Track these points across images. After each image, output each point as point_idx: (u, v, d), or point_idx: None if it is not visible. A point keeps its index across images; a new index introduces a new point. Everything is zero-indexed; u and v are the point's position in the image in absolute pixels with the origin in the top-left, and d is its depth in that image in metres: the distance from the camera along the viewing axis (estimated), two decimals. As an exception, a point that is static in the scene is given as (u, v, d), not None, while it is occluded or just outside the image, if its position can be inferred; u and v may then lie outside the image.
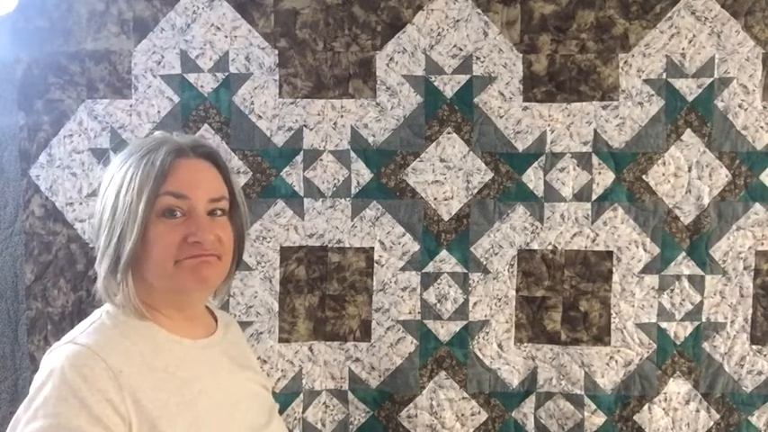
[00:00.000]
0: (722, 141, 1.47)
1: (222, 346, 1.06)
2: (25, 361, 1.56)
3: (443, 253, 1.53)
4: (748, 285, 1.49)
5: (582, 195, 1.50)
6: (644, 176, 1.49)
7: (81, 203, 1.54)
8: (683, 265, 1.49)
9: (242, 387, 1.06)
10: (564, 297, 1.51)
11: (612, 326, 1.50)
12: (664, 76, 1.47)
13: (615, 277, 1.50)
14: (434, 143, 1.51)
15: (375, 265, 1.53)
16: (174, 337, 0.96)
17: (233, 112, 1.52)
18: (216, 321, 1.09)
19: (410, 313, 1.53)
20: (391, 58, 1.50)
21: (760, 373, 1.49)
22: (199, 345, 1.00)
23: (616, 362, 1.51)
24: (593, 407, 1.51)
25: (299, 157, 1.52)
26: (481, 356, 1.53)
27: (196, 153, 0.97)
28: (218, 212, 0.97)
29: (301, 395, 1.55)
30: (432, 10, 1.49)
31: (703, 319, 1.50)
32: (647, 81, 1.48)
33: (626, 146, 1.49)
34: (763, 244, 1.48)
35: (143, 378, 0.88)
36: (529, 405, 1.53)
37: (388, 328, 1.54)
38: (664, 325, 1.50)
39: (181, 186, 0.93)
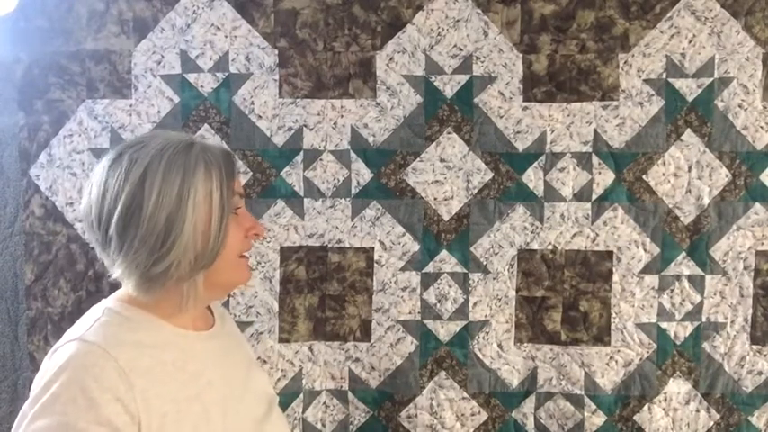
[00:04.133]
0: (722, 141, 1.47)
1: (224, 337, 1.07)
2: (25, 361, 1.57)
3: (443, 253, 1.53)
4: (748, 285, 1.49)
5: (582, 195, 1.50)
6: (644, 176, 1.49)
7: (81, 203, 1.53)
8: (683, 265, 1.49)
9: (244, 378, 1.07)
10: (564, 297, 1.51)
11: (612, 326, 1.51)
12: (664, 76, 1.47)
13: (615, 277, 1.50)
14: (434, 143, 1.51)
15: (375, 265, 1.53)
16: (179, 330, 0.97)
17: (233, 112, 1.52)
18: (212, 314, 1.10)
19: (410, 313, 1.53)
20: (391, 58, 1.50)
21: (760, 373, 1.49)
22: (202, 337, 1.01)
23: (616, 362, 1.51)
24: (593, 407, 1.51)
25: (299, 157, 1.52)
26: (481, 356, 1.53)
27: (226, 156, 1.00)
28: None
29: (301, 395, 1.55)
30: (432, 10, 1.49)
31: (703, 319, 1.50)
32: (647, 81, 1.48)
33: (626, 146, 1.49)
34: (763, 244, 1.48)
35: (152, 373, 0.88)
36: (529, 405, 1.53)
37: (388, 328, 1.54)
38: (664, 325, 1.50)
39: (239, 185, 0.99)
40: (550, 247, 1.51)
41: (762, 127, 1.46)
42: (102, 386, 0.82)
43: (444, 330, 1.53)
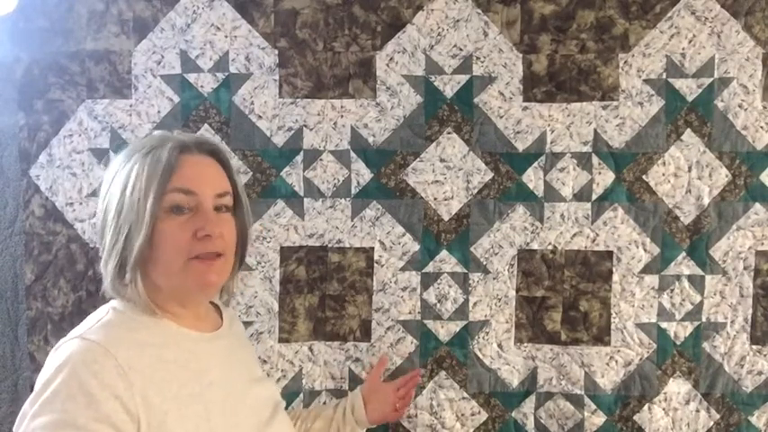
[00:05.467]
0: (722, 141, 1.47)
1: (229, 339, 1.07)
2: (25, 361, 1.56)
3: (443, 253, 1.53)
4: (748, 285, 1.49)
5: (582, 195, 1.50)
6: (644, 176, 1.49)
7: (81, 203, 1.53)
8: (683, 265, 1.49)
9: (249, 380, 1.07)
10: (564, 297, 1.51)
11: (612, 326, 1.51)
12: (664, 76, 1.47)
13: (615, 277, 1.50)
14: (434, 143, 1.51)
15: (375, 265, 1.53)
16: (183, 330, 0.97)
17: (233, 112, 1.52)
18: (221, 316, 1.10)
19: (410, 313, 1.53)
20: (391, 58, 1.50)
21: (760, 373, 1.49)
22: (207, 338, 1.01)
23: (616, 362, 1.51)
24: (593, 407, 1.51)
25: (299, 157, 1.52)
26: (481, 356, 1.53)
27: (201, 149, 0.98)
28: (223, 209, 0.98)
29: (301, 395, 1.55)
30: (432, 10, 1.49)
31: (703, 319, 1.50)
32: (647, 81, 1.48)
33: (626, 146, 1.49)
34: (763, 244, 1.48)
35: (153, 372, 0.88)
36: (529, 405, 1.53)
37: (388, 328, 1.54)
38: (664, 325, 1.50)
39: (188, 182, 0.93)
40: (550, 247, 1.51)
41: (762, 127, 1.46)
42: (101, 383, 0.82)
43: (444, 330, 1.53)
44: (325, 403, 1.55)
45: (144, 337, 0.92)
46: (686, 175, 1.48)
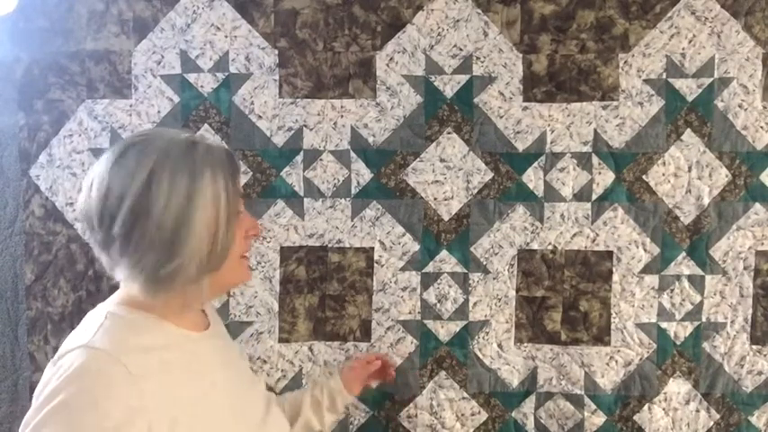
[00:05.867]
0: (722, 141, 1.47)
1: (222, 338, 1.08)
2: (25, 361, 1.56)
3: (443, 253, 1.53)
4: (748, 285, 1.49)
5: (582, 195, 1.50)
6: (644, 176, 1.49)
7: (79, 200, 1.53)
8: (683, 265, 1.49)
9: (244, 377, 1.08)
10: (564, 297, 1.51)
11: (612, 326, 1.51)
12: (664, 76, 1.47)
13: (615, 277, 1.50)
14: (434, 143, 1.51)
15: (375, 265, 1.53)
16: (182, 331, 0.96)
17: (233, 112, 1.52)
18: (205, 314, 1.09)
19: (410, 313, 1.53)
20: (391, 58, 1.50)
21: (760, 373, 1.49)
22: (203, 337, 1.01)
23: (616, 362, 1.51)
24: (593, 407, 1.51)
25: (299, 157, 1.52)
26: (481, 356, 1.53)
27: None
28: None
29: (301, 395, 1.55)
30: (432, 10, 1.49)
31: (703, 319, 1.50)
32: (647, 81, 1.48)
33: (626, 146, 1.49)
34: (763, 244, 1.48)
35: (160, 376, 0.88)
36: (529, 405, 1.53)
37: (388, 328, 1.54)
38: (664, 325, 1.50)
39: (239, 185, 0.98)
40: (550, 247, 1.51)
41: (762, 127, 1.46)
42: (110, 394, 0.81)
43: (444, 330, 1.53)
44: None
45: (147, 340, 0.91)
46: (686, 175, 1.48)
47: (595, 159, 1.49)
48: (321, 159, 1.52)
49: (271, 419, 1.07)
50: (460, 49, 1.50)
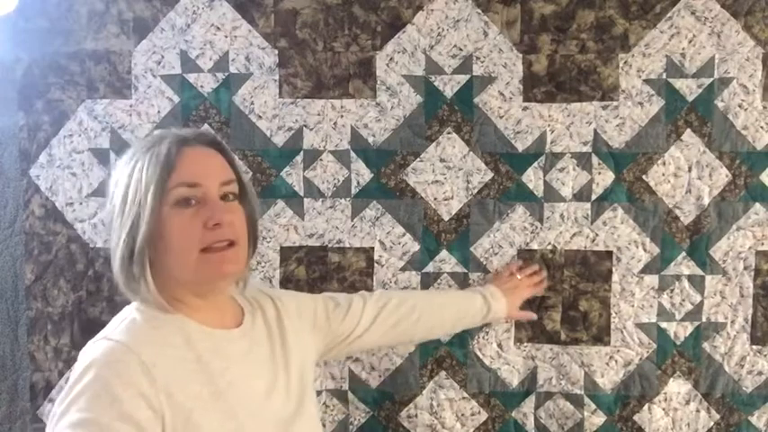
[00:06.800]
0: (722, 141, 1.47)
1: (253, 335, 1.06)
2: (25, 361, 1.56)
3: (443, 253, 1.53)
4: (748, 285, 1.49)
5: (582, 195, 1.50)
6: (644, 176, 1.49)
7: (81, 203, 1.54)
8: (683, 265, 1.49)
9: (274, 377, 1.05)
10: (564, 297, 1.51)
11: (612, 326, 1.50)
12: (664, 76, 1.47)
13: (615, 277, 1.50)
14: (434, 143, 1.51)
15: (375, 265, 1.53)
16: (204, 329, 0.97)
17: (233, 112, 1.52)
18: (242, 311, 1.09)
19: (410, 313, 1.53)
20: (391, 58, 1.50)
21: (760, 373, 1.49)
22: (228, 336, 1.01)
23: (616, 362, 1.51)
24: (593, 407, 1.51)
25: (299, 157, 1.52)
26: (481, 356, 1.53)
27: (200, 141, 0.99)
28: (230, 197, 0.99)
29: (301, 395, 1.55)
30: (432, 10, 1.49)
31: (703, 319, 1.50)
32: (647, 81, 1.48)
33: (626, 146, 1.49)
34: (763, 244, 1.48)
35: (176, 370, 0.90)
36: (529, 405, 1.53)
37: (388, 328, 1.53)
38: (664, 325, 1.50)
39: (191, 175, 0.94)
40: (550, 247, 1.51)
41: (762, 127, 1.46)
42: (124, 382, 0.84)
43: (444, 330, 1.53)
44: (324, 403, 1.55)
45: (165, 334, 0.93)
46: (686, 175, 1.48)
47: (595, 159, 1.49)
48: (321, 159, 1.52)
49: (298, 424, 1.04)
50: (460, 49, 1.50)
